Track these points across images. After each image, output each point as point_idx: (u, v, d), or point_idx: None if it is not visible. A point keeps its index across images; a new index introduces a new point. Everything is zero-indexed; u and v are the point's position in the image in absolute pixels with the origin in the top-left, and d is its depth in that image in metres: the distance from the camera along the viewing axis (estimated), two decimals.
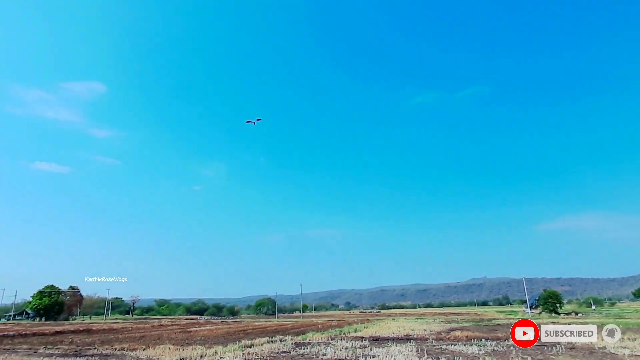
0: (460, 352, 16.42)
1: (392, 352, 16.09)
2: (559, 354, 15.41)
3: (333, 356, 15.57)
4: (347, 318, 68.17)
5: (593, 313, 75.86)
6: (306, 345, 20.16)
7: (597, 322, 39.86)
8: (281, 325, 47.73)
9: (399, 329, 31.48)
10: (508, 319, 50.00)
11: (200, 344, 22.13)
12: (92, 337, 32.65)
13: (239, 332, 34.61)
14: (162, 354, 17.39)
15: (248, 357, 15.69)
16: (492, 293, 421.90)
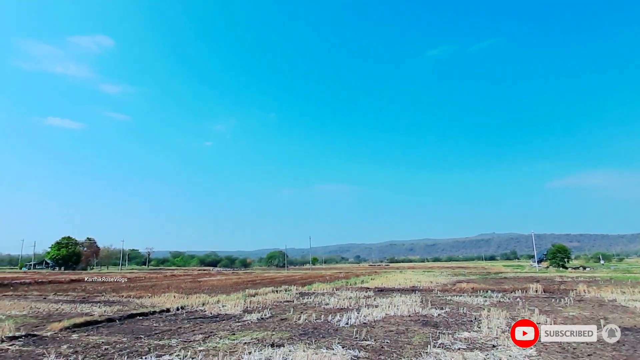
0: (465, 303, 16.17)
1: (395, 302, 15.90)
2: (567, 305, 15.05)
3: (335, 305, 15.44)
4: (355, 270, 69.27)
5: (601, 268, 75.95)
6: (310, 295, 20.19)
7: (605, 276, 39.63)
8: (290, 276, 48.59)
9: (406, 281, 31.59)
10: (515, 273, 50.17)
11: (207, 292, 22.36)
12: (105, 285, 33.46)
13: (247, 283, 35.12)
14: (166, 301, 17.51)
15: (250, 305, 15.64)
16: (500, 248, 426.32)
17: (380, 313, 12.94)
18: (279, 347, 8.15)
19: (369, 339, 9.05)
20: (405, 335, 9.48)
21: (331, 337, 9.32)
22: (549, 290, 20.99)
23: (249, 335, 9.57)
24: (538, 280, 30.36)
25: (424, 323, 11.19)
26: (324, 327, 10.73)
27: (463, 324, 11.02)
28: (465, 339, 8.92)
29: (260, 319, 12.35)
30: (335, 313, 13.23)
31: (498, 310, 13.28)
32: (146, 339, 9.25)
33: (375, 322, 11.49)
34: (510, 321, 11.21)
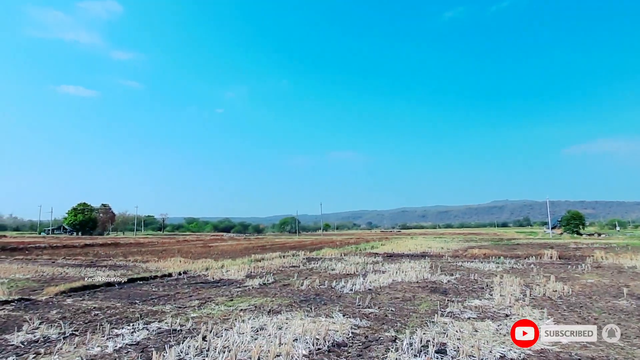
0: (476, 269, 15.61)
1: (404, 268, 15.42)
2: (584, 272, 14.37)
3: (342, 271, 15.02)
4: (366, 236, 69.36)
5: (617, 234, 74.73)
6: (318, 260, 19.86)
7: (621, 242, 38.70)
8: (300, 242, 48.73)
9: (416, 246, 31.18)
10: (528, 239, 49.49)
11: (214, 257, 22.23)
12: (117, 249, 33.81)
13: (257, 248, 35.16)
14: (172, 265, 17.32)
15: (254, 270, 15.32)
16: (512, 215, 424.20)
17: (387, 279, 12.44)
18: (275, 315, 7.68)
19: (372, 306, 8.53)
20: (411, 302, 8.94)
21: (333, 304, 8.83)
22: (564, 257, 20.29)
23: (247, 302, 9.14)
24: (552, 247, 29.64)
25: (433, 290, 10.64)
26: (327, 293, 10.27)
27: (474, 291, 10.44)
28: (476, 307, 8.34)
29: (263, 284, 11.96)
30: (341, 279, 12.78)
31: (511, 276, 12.67)
32: (141, 304, 8.89)
33: (381, 288, 10.99)
34: (525, 288, 10.59)
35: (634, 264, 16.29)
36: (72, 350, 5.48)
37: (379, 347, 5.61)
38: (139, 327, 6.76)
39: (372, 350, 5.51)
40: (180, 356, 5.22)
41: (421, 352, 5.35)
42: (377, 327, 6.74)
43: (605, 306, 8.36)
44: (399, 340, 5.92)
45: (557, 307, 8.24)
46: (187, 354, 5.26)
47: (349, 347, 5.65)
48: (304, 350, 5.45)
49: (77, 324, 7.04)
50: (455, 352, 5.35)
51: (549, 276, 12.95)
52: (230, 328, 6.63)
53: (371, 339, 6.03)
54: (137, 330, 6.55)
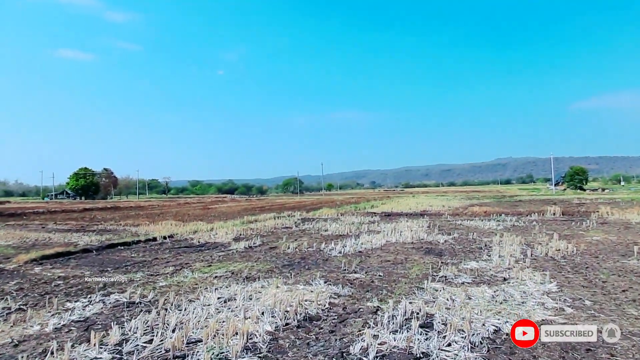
0: (476, 227, 14.94)
1: (400, 228, 14.77)
2: (589, 229, 13.66)
3: (335, 232, 14.39)
4: (368, 196, 69.01)
5: (621, 189, 74.01)
6: (313, 220, 19.28)
7: (626, 197, 38.00)
8: (301, 202, 48.36)
9: (417, 205, 30.60)
10: (531, 196, 48.88)
11: (209, 220, 21.71)
12: (115, 213, 33.46)
13: (256, 209, 34.77)
14: (163, 229, 16.75)
15: (244, 233, 14.72)
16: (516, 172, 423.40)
17: (380, 240, 11.79)
18: (251, 282, 7.02)
19: (359, 271, 7.86)
20: (402, 266, 8.27)
21: (317, 269, 8.17)
22: (568, 213, 19.59)
23: (225, 268, 8.50)
24: (555, 203, 28.96)
25: (427, 251, 9.97)
26: (314, 257, 9.62)
27: (471, 252, 9.76)
28: (472, 270, 7.65)
29: (248, 247, 11.34)
30: (332, 240, 12.15)
31: (512, 235, 11.98)
32: (111, 272, 8.27)
33: (373, 250, 10.33)
34: (526, 248, 9.89)
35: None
36: (6, 330, 4.83)
37: (356, 321, 4.92)
38: (96, 299, 6.11)
39: (347, 325, 4.82)
40: (126, 335, 4.55)
41: (403, 326, 4.66)
42: (360, 296, 6.06)
43: (614, 267, 7.64)
44: (381, 311, 5.23)
45: (560, 269, 7.53)
46: (135, 333, 4.59)
47: (323, 322, 4.97)
48: (270, 326, 4.77)
49: (31, 297, 6.41)
50: (443, 325, 4.65)
51: (552, 234, 12.25)
52: (196, 299, 5.97)
53: (349, 311, 5.34)
54: (92, 304, 5.90)
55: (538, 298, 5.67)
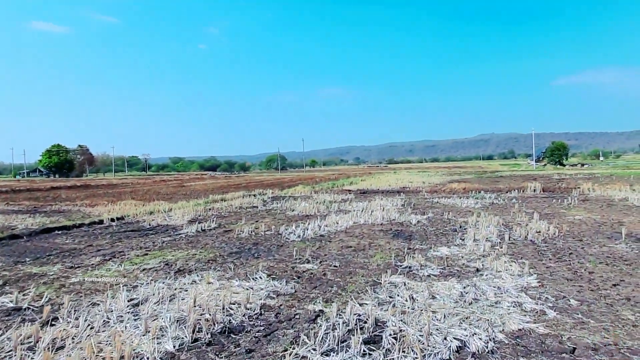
0: (453, 206, 14.06)
1: (372, 207, 13.80)
2: (571, 206, 12.90)
3: (302, 212, 13.33)
4: (349, 172, 68.16)
5: (600, 164, 74.79)
6: (283, 199, 18.20)
7: (605, 172, 37.87)
8: (280, 178, 47.15)
9: (397, 181, 29.74)
10: (512, 171, 48.67)
11: (176, 198, 20.44)
12: (82, 192, 31.77)
13: (232, 186, 33.54)
14: (121, 209, 15.43)
15: (204, 213, 13.56)
16: (498, 148, 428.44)
17: (348, 221, 10.78)
18: (181, 276, 5.93)
19: (314, 259, 6.83)
20: (364, 253, 7.26)
21: (267, 257, 7.11)
22: (549, 190, 18.91)
23: (162, 257, 7.37)
24: (535, 179, 28.44)
25: (396, 234, 8.99)
26: (269, 242, 8.55)
27: (444, 234, 8.81)
28: (442, 258, 6.68)
29: (201, 231, 10.21)
30: (296, 222, 11.11)
31: (489, 215, 11.10)
32: (29, 264, 7.06)
33: (337, 233, 9.32)
34: (504, 230, 9.00)
35: (625, 196, 14.90)
36: None
37: (286, 335, 3.87)
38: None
39: (273, 340, 3.77)
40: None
41: (343, 342, 3.63)
42: (303, 296, 5.02)
43: (600, 252, 6.77)
44: (323, 318, 4.20)
45: (541, 256, 6.62)
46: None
47: (245, 335, 3.90)
48: (172, 343, 3.68)
49: None
50: (394, 340, 3.63)
51: (532, 213, 11.42)
52: (101, 302, 4.84)
53: (283, 318, 4.30)
54: None
55: (515, 296, 4.71)
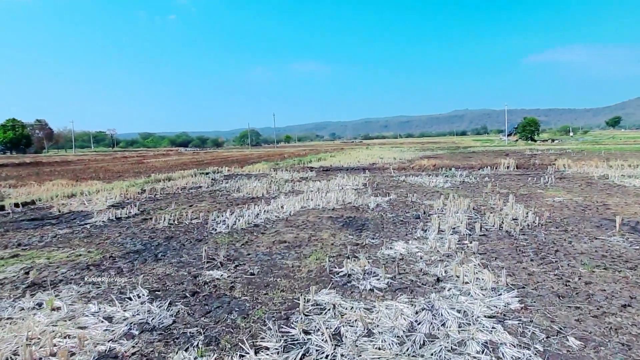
0: (420, 185, 12.62)
1: (330, 186, 12.23)
2: (548, 185, 11.64)
3: (248, 193, 11.61)
4: (321, 147, 66.37)
5: (569, 140, 75.60)
6: (236, 177, 16.41)
7: (575, 148, 37.50)
8: (247, 155, 44.99)
9: (368, 157, 28.27)
10: (484, 147, 48.06)
11: (120, 177, 18.36)
12: (28, 170, 29.02)
13: (193, 163, 31.48)
14: (45, 190, 13.32)
15: (135, 195, 11.66)
16: (472, 124, 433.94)
17: (295, 205, 9.15)
18: (32, 293, 4.18)
19: (230, 261, 5.18)
20: (298, 252, 5.65)
21: (169, 260, 5.42)
22: (523, 166, 17.77)
23: (31, 260, 5.56)
24: (508, 154, 27.51)
25: (347, 223, 7.42)
26: (187, 235, 6.84)
27: (404, 223, 7.29)
28: (394, 260, 5.14)
29: (115, 219, 8.39)
30: (236, 205, 9.42)
31: (459, 197, 9.68)
32: None
33: (276, 222, 7.68)
34: (474, 217, 7.55)
35: (604, 173, 13.79)
36: None
37: None
38: None
39: None
40: None
41: None
42: (180, 331, 3.37)
43: (592, 249, 5.36)
44: None
45: (520, 255, 5.16)
46: None
47: None
48: None
49: None
50: None
51: (507, 194, 10.08)
52: None
53: None
54: None
55: (488, 330, 3.19)
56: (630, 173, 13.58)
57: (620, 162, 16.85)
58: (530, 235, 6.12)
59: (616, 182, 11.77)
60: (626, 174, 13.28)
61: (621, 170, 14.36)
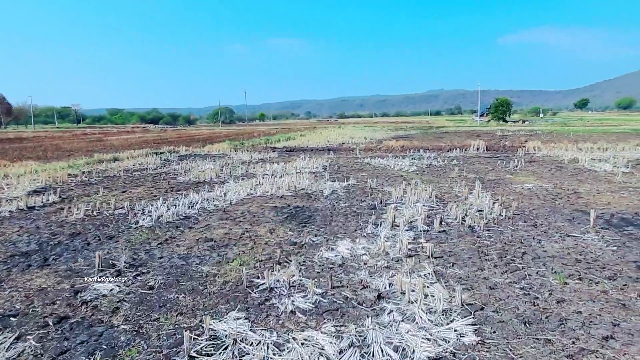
0: (384, 168, 11.80)
1: (287, 169, 11.26)
2: (517, 170, 11.01)
3: (195, 177, 10.51)
4: (294, 126, 64.91)
5: (540, 121, 76.66)
6: (192, 157, 15.23)
7: (545, 129, 37.64)
8: (215, 133, 43.26)
9: (338, 137, 27.31)
10: (457, 127, 47.87)
11: (75, 156, 16.84)
12: None
13: (156, 141, 29.98)
14: None
15: (69, 179, 10.38)
16: (446, 104, 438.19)
17: (240, 192, 8.16)
18: None
19: (129, 270, 4.19)
20: (222, 254, 4.70)
21: (58, 266, 4.38)
22: (493, 148, 17.22)
23: None
24: (479, 135, 27.11)
25: (291, 215, 6.49)
26: (96, 232, 5.77)
27: (356, 215, 6.42)
28: (332, 266, 4.26)
29: (27, 208, 7.20)
30: (177, 191, 8.36)
31: (422, 183, 8.90)
32: None
33: (212, 212, 6.68)
34: (436, 207, 6.75)
35: (574, 156, 13.31)
36: None
37: None
38: None
39: None
40: None
41: None
42: None
43: (565, 250, 4.62)
44: None
45: (481, 261, 4.35)
46: None
47: None
48: None
49: None
50: None
51: (474, 179, 9.36)
52: None
53: None
54: None
55: None
56: (599, 156, 13.15)
57: (589, 144, 16.51)
58: (496, 231, 5.35)
59: (586, 167, 11.25)
60: (596, 158, 12.84)
61: (591, 154, 13.94)
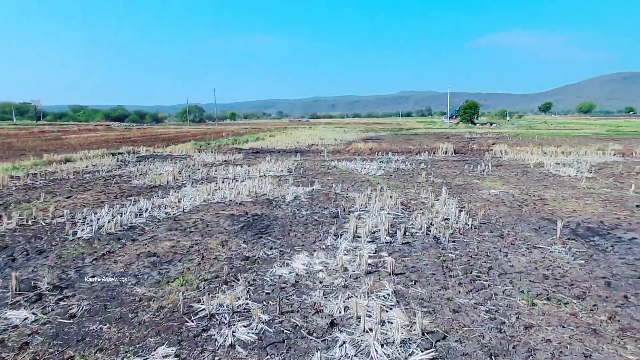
0: (351, 172, 11.50)
1: (250, 173, 10.79)
2: (484, 175, 10.95)
3: (151, 180, 9.88)
4: (265, 126, 64.08)
5: (506, 124, 78.82)
6: (152, 158, 14.47)
7: (511, 132, 38.58)
8: (182, 132, 42.01)
9: (308, 137, 26.93)
10: (427, 128, 48.46)
11: (23, 157, 15.70)
12: None
13: (119, 140, 28.70)
14: None
15: (7, 183, 9.53)
16: (417, 105, 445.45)
17: (196, 198, 7.65)
18: None
19: (54, 292, 3.66)
20: (163, 272, 4.22)
21: None
22: (461, 152, 17.26)
23: None
24: (448, 137, 27.37)
25: (248, 224, 6.04)
26: (27, 245, 5.15)
27: (317, 224, 6.04)
28: (284, 286, 3.87)
29: None
30: (128, 197, 7.75)
31: (389, 188, 8.63)
32: None
33: (161, 222, 6.16)
34: (400, 216, 6.47)
35: (539, 160, 13.43)
36: None
37: None
38: None
39: None
40: None
41: None
42: None
43: (532, 265, 4.40)
44: None
45: (445, 278, 4.05)
46: None
47: None
48: None
49: None
50: None
51: (441, 184, 9.18)
52: None
53: None
54: None
55: None
56: (563, 160, 13.33)
57: (554, 148, 16.82)
58: (462, 242, 5.10)
59: (551, 171, 11.32)
60: (560, 162, 13.00)
61: (555, 158, 14.14)
